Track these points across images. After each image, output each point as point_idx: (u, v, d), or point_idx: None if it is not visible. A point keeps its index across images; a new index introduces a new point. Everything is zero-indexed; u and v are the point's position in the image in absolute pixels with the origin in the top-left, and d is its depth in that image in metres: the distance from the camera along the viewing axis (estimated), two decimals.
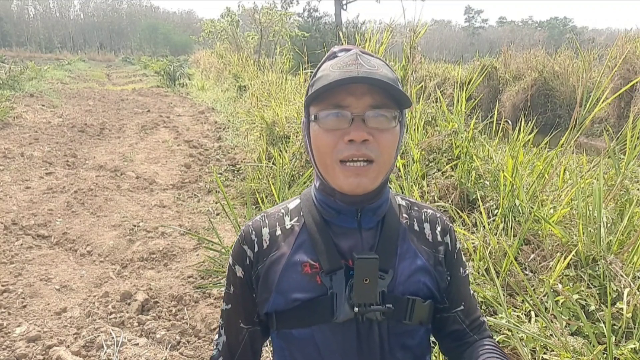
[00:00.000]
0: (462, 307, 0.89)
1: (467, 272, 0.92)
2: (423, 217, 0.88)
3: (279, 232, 0.85)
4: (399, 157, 3.18)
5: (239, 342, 0.88)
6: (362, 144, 0.72)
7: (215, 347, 0.92)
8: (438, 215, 0.90)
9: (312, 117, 0.76)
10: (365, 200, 0.80)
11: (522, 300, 2.02)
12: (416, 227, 0.86)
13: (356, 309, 0.76)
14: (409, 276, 0.81)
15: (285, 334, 0.83)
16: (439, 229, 0.88)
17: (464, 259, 0.92)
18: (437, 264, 0.85)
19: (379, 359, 0.80)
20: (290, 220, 0.86)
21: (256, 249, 0.84)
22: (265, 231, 0.85)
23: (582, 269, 2.09)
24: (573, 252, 2.09)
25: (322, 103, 0.75)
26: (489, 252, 2.33)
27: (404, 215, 0.87)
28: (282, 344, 0.84)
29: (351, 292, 0.77)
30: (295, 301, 0.79)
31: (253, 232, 0.85)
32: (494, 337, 1.84)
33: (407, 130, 3.63)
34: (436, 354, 1.77)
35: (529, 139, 3.21)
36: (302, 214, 0.85)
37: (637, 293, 1.83)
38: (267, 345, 2.09)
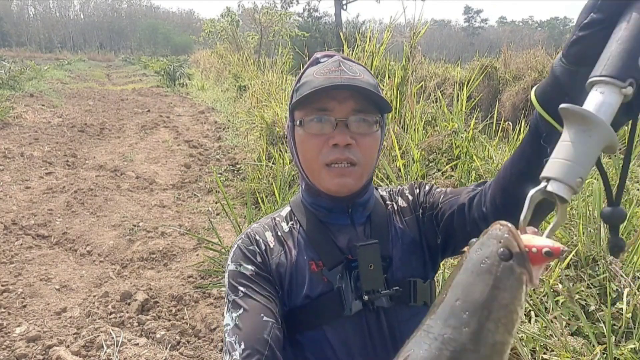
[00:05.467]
0: (459, 195, 0.81)
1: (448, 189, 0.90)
2: (395, 194, 0.94)
3: (280, 233, 0.86)
4: (399, 157, 3.18)
5: (264, 341, 0.71)
6: (346, 148, 0.76)
7: None
8: (404, 185, 0.96)
9: (297, 122, 0.79)
10: (352, 197, 0.83)
11: None
12: (396, 207, 0.91)
13: (365, 297, 0.78)
14: (404, 259, 0.85)
15: (296, 341, 0.81)
16: (407, 192, 0.94)
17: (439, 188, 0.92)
18: (421, 220, 0.88)
19: (391, 348, 0.80)
20: (287, 224, 0.88)
21: (264, 247, 0.83)
22: (269, 234, 0.86)
23: (582, 269, 2.09)
24: (573, 252, 2.09)
25: (306, 108, 0.78)
26: None
27: (387, 202, 0.92)
28: (292, 352, 0.82)
29: (357, 282, 0.79)
30: (307, 298, 0.80)
31: (256, 235, 0.85)
32: None
33: (407, 130, 3.64)
34: None
35: None
36: (296, 218, 0.88)
37: (637, 293, 1.83)
38: None
